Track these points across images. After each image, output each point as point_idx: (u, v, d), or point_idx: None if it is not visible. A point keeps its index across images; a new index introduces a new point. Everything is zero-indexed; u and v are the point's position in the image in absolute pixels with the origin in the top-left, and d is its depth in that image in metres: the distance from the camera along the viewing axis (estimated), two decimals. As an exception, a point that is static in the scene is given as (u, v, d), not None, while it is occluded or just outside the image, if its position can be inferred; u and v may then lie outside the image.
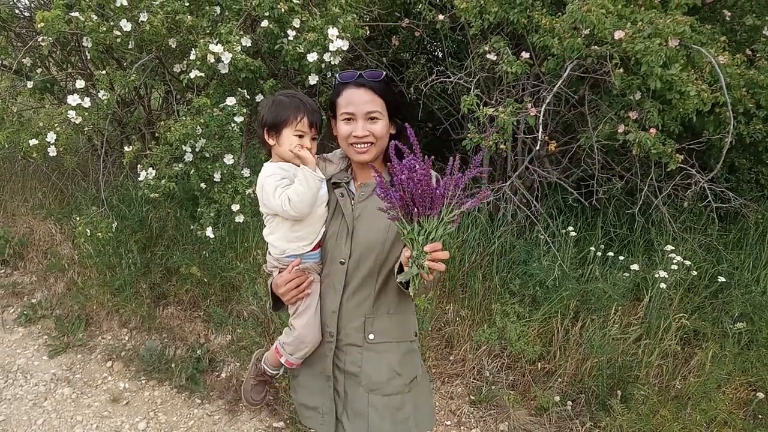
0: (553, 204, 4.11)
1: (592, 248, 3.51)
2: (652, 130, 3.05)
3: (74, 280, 4.04)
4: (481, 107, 2.94)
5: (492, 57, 3.31)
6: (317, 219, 1.86)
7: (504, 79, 3.12)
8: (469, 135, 3.02)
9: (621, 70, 2.86)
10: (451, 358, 3.50)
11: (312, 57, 3.38)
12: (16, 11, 4.39)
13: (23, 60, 4.09)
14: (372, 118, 1.76)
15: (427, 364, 3.40)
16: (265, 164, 1.99)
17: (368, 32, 4.03)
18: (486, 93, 3.48)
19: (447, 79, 3.42)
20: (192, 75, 3.27)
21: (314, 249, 1.86)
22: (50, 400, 3.25)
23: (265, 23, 3.44)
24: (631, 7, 3.03)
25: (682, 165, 3.19)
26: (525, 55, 3.01)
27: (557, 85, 2.88)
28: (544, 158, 3.78)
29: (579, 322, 3.26)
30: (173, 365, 3.42)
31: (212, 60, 3.21)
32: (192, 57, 3.27)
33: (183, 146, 3.26)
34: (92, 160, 4.87)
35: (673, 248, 3.52)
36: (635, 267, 3.48)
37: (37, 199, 4.83)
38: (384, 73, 1.79)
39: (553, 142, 3.21)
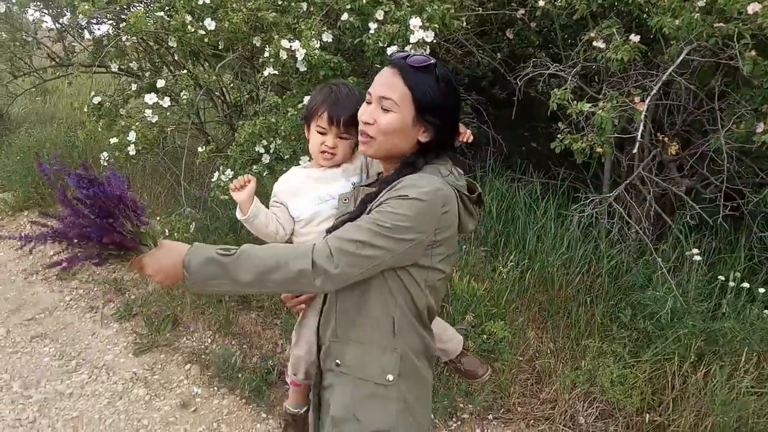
0: (681, 219, 3.44)
1: (721, 277, 2.84)
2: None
3: (166, 280, 4.09)
4: (576, 103, 2.45)
5: (600, 44, 2.79)
6: (322, 234, 1.61)
7: (612, 69, 2.59)
8: (559, 135, 2.54)
9: (753, 52, 2.22)
10: (541, 396, 3.02)
11: (392, 50, 3.09)
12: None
13: (131, 64, 4.25)
14: (384, 109, 1.41)
15: (512, 400, 2.96)
16: (291, 168, 1.83)
17: (464, 24, 3.65)
18: (592, 87, 2.96)
19: (545, 71, 2.94)
20: (266, 73, 3.12)
21: None
22: (124, 399, 3.26)
23: (345, 16, 3.21)
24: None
25: None
26: (634, 38, 2.46)
27: (668, 72, 2.32)
28: (671, 163, 3.15)
29: (702, 368, 2.63)
30: (240, 375, 3.30)
31: (285, 57, 3.03)
32: (266, 54, 3.12)
33: (255, 147, 3.13)
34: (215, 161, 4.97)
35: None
36: (781, 303, 2.77)
37: (149, 198, 5.02)
38: (430, 61, 1.42)
39: (674, 144, 2.62)
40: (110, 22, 4.04)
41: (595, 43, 2.82)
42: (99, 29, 4.89)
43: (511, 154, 5.17)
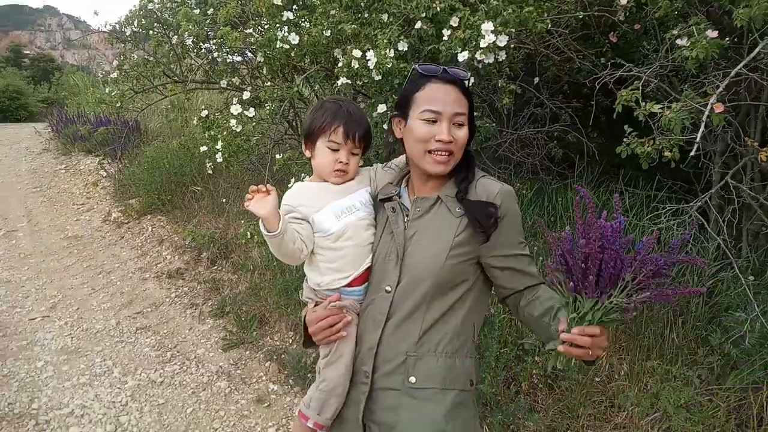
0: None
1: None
2: None
3: (255, 282, 4.33)
4: (646, 104, 2.27)
5: (684, 42, 2.58)
6: (357, 248, 1.59)
7: (687, 68, 2.36)
8: (625, 139, 2.36)
9: None
10: (616, 420, 2.81)
11: (463, 56, 3.06)
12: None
13: (233, 79, 4.55)
14: (458, 124, 1.49)
15: (580, 422, 2.79)
16: (295, 184, 1.79)
17: (548, 26, 3.53)
18: (673, 88, 2.72)
19: (616, 73, 2.76)
20: (339, 83, 3.22)
21: (355, 284, 1.60)
22: (207, 391, 3.48)
23: (418, 24, 3.23)
24: None
25: None
26: (711, 34, 2.24)
27: (737, 68, 2.07)
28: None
29: (794, 401, 2.32)
30: (310, 375, 3.40)
31: (356, 66, 3.11)
32: (340, 65, 3.22)
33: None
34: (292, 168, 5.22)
35: None
36: None
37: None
38: (469, 74, 1.54)
39: (765, 150, 2.35)
40: (214, 41, 4.37)
41: (678, 41, 2.61)
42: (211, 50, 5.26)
43: (621, 164, 4.90)
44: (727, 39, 2.62)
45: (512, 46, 3.43)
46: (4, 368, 3.66)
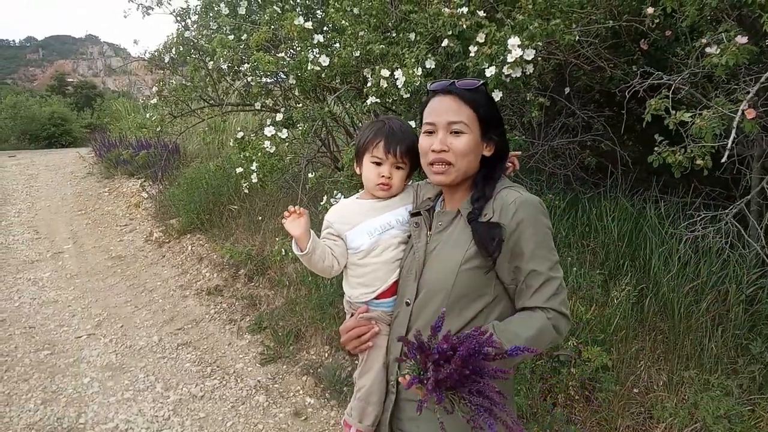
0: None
1: None
2: None
3: (291, 297, 4.41)
4: (676, 112, 2.27)
5: (713, 50, 2.57)
6: (384, 264, 1.66)
7: (717, 74, 2.35)
8: (656, 148, 2.36)
9: None
10: None
11: (490, 72, 3.10)
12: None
13: (266, 101, 4.68)
14: (455, 132, 1.50)
15: (618, 434, 2.76)
16: (341, 200, 1.86)
17: (576, 38, 3.55)
18: (705, 95, 2.70)
19: (645, 82, 2.76)
20: (369, 102, 3.29)
21: (383, 296, 1.66)
22: (246, 405, 3.56)
23: (445, 42, 3.29)
24: None
25: None
26: (741, 40, 2.23)
27: (766, 74, 2.06)
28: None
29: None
30: (345, 388, 3.44)
31: (385, 85, 3.18)
32: (369, 84, 3.30)
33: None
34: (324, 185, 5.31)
35: None
36: None
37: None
38: (480, 82, 1.54)
39: (800, 154, 2.31)
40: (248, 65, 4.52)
41: (708, 49, 2.60)
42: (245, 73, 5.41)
43: (656, 171, 4.86)
44: (760, 44, 2.60)
45: (541, 57, 3.46)
46: (53, 384, 3.81)
